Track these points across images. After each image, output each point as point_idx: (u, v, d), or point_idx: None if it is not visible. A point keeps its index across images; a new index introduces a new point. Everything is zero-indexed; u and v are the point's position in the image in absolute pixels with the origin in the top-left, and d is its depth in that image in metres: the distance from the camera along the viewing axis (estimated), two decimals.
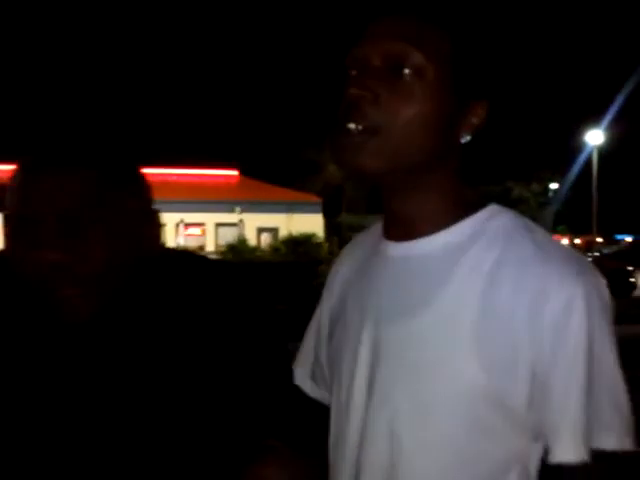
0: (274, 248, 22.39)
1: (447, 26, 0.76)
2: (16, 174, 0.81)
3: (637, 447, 0.73)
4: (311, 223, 25.07)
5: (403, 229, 0.80)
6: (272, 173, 30.53)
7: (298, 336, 0.98)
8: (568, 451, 0.71)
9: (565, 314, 0.71)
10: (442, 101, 0.75)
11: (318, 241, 22.72)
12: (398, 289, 0.79)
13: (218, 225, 25.29)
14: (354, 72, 0.76)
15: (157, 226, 0.87)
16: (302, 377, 0.94)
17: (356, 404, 0.80)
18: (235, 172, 29.77)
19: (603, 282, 0.75)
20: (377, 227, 0.87)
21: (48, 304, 0.79)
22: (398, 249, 0.80)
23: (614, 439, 0.72)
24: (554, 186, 36.68)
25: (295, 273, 11.81)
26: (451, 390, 0.74)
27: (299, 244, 21.57)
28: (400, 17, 0.76)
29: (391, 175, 0.76)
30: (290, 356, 0.95)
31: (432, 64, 0.74)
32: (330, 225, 28.89)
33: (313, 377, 0.94)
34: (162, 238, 0.90)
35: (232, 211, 25.29)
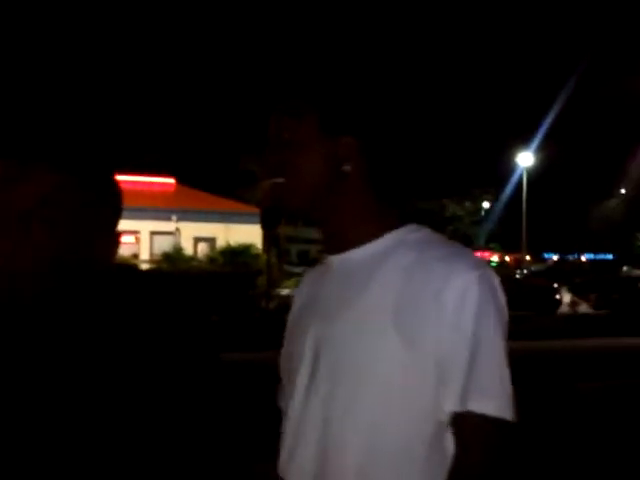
0: (211, 258, 22.09)
1: (310, 101, 0.97)
2: None
3: (517, 419, 0.89)
4: (249, 234, 24.94)
5: (335, 244, 1.00)
6: (210, 182, 30.20)
7: (233, 346, 0.98)
8: (452, 404, 0.89)
9: (461, 299, 0.89)
10: (313, 145, 0.97)
11: (256, 252, 22.60)
12: (335, 291, 0.98)
13: (153, 233, 24.75)
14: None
15: (113, 244, 0.86)
16: (280, 397, 1.08)
17: (299, 394, 0.97)
18: (172, 180, 29.29)
19: (496, 278, 0.94)
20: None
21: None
22: (334, 259, 1.01)
23: (493, 405, 0.88)
24: (486, 205, 37.92)
25: (233, 283, 11.68)
26: (378, 365, 0.90)
27: (237, 254, 21.38)
28: (280, 104, 1.00)
29: (298, 210, 1.00)
30: (224, 368, 0.94)
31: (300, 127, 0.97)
32: (268, 236, 28.84)
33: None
34: (114, 257, 0.89)
35: (168, 219, 24.83)
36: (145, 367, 0.83)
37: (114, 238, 0.89)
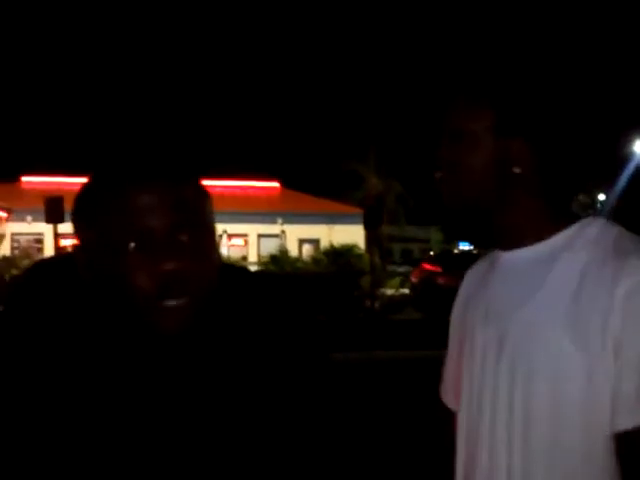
0: (315, 259, 22.42)
1: (486, 100, 0.97)
2: (107, 189, 0.79)
3: None
4: (352, 234, 25.03)
5: (509, 241, 0.99)
6: (313, 185, 30.68)
7: (339, 347, 0.99)
8: (628, 418, 0.85)
9: (631, 298, 0.86)
10: (486, 145, 0.97)
11: (359, 252, 22.66)
12: (505, 289, 0.98)
13: (260, 236, 25.50)
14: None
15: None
16: (444, 392, 1.12)
17: (471, 393, 0.99)
18: (277, 184, 30.04)
19: None
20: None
21: (142, 317, 0.78)
22: (506, 256, 1.00)
23: None
24: (602, 197, 35.75)
25: (337, 284, 11.77)
26: (549, 370, 0.89)
27: (340, 255, 21.55)
28: (455, 97, 1.01)
29: (463, 207, 1.00)
30: (335, 368, 0.95)
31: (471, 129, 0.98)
32: (371, 236, 28.85)
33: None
34: None
35: (274, 222, 25.48)
36: (263, 367, 0.85)
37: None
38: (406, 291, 16.30)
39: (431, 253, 21.35)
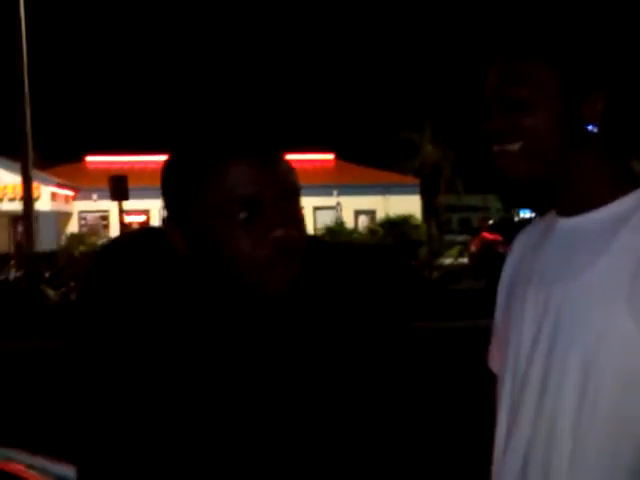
0: (372, 230, 22.38)
1: (549, 60, 0.91)
2: (212, 163, 0.81)
3: None
4: (408, 204, 24.78)
5: (573, 207, 0.95)
6: (368, 155, 30.44)
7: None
8: None
9: None
10: (554, 108, 0.91)
11: (416, 223, 22.45)
12: (563, 255, 0.94)
13: (316, 208, 25.59)
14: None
15: None
16: (491, 358, 1.10)
17: (520, 359, 0.95)
18: (331, 156, 29.94)
19: None
20: (551, 212, 1.02)
21: (249, 282, 0.82)
22: (566, 222, 0.96)
23: None
24: None
25: (395, 255, 11.74)
26: (606, 343, 0.86)
27: (396, 226, 21.43)
28: (505, 61, 0.94)
29: (533, 177, 0.94)
30: (413, 337, 0.96)
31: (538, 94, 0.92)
32: (428, 206, 28.42)
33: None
34: None
35: (329, 194, 25.50)
36: (349, 329, 0.88)
37: None
38: (465, 261, 16.10)
39: (490, 222, 20.92)
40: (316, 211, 25.86)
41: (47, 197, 23.60)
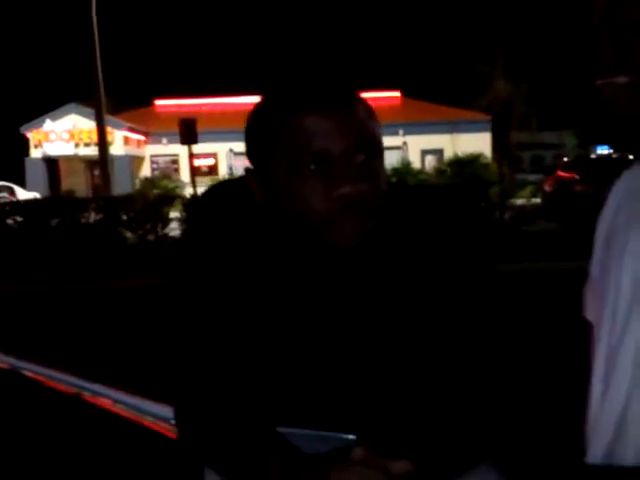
0: (439, 170, 21.89)
1: None
2: (285, 114, 0.81)
3: None
4: (478, 143, 23.95)
5: None
6: (435, 92, 29.48)
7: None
8: None
9: None
10: None
11: (486, 162, 21.76)
12: None
13: None
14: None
15: None
16: (587, 308, 1.03)
17: (623, 305, 0.90)
18: (397, 93, 29.18)
19: None
20: None
21: (319, 235, 0.82)
22: None
23: None
24: None
25: (465, 195, 11.46)
26: None
27: (465, 165, 20.84)
28: None
29: None
30: (498, 278, 0.95)
31: None
32: (498, 144, 27.42)
33: None
34: None
35: (395, 134, 25.00)
36: (429, 277, 0.87)
37: None
38: (538, 201, 15.57)
39: (565, 159, 20.02)
40: None
41: (120, 142, 24.32)
